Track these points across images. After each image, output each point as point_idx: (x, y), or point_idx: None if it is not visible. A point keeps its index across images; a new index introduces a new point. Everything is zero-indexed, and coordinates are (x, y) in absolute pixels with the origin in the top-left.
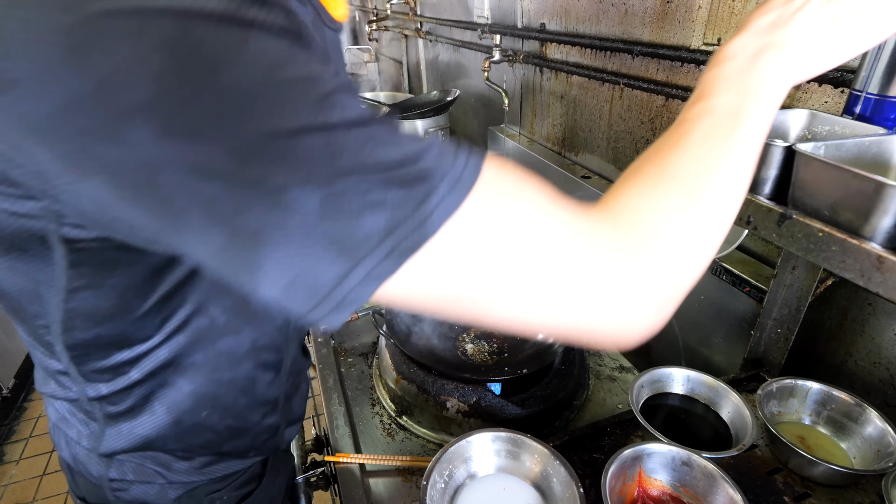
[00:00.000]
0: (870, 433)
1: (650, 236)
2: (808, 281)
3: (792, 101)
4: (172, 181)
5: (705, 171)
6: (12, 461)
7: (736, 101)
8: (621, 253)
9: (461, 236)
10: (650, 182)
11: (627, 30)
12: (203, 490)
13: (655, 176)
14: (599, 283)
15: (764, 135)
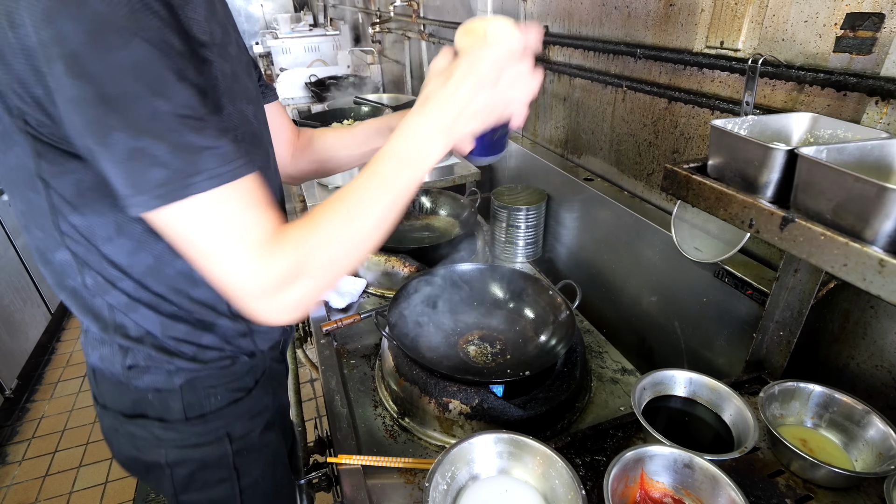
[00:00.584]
0: (872, 436)
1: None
2: (810, 284)
3: (794, 105)
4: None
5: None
6: (15, 462)
7: (394, 171)
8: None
9: (188, 213)
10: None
11: (630, 32)
12: (201, 384)
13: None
14: (245, 295)
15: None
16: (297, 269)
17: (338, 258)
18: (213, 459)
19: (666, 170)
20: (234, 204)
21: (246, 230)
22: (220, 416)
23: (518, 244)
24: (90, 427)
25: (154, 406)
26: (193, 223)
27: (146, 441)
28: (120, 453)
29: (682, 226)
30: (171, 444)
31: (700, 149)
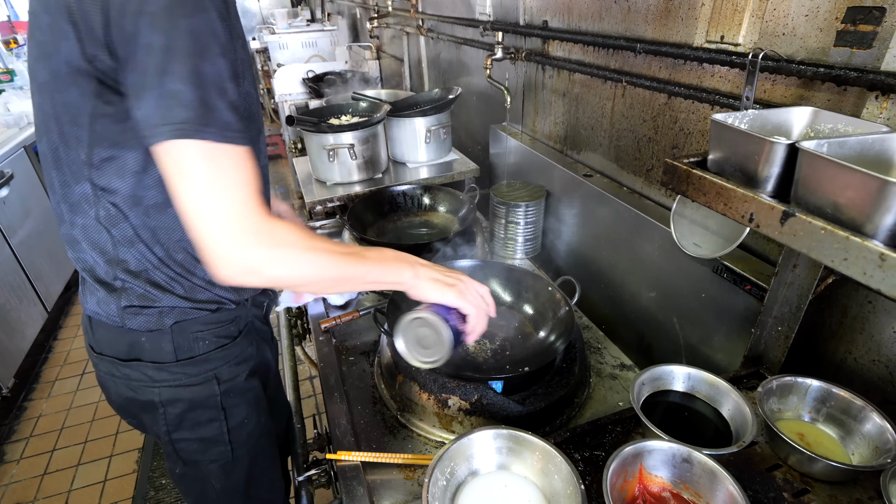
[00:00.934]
0: (868, 430)
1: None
2: (808, 279)
3: (794, 100)
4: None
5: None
6: (13, 461)
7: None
8: (238, 241)
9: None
10: (310, 247)
11: (630, 27)
12: (190, 327)
13: (317, 248)
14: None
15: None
16: (266, 240)
17: (298, 260)
18: (202, 399)
19: (666, 164)
20: (228, 162)
21: (233, 187)
22: (207, 359)
23: (517, 240)
24: (88, 425)
25: (147, 349)
26: (194, 163)
27: (141, 382)
28: (117, 396)
29: (681, 221)
30: (163, 383)
31: (700, 144)
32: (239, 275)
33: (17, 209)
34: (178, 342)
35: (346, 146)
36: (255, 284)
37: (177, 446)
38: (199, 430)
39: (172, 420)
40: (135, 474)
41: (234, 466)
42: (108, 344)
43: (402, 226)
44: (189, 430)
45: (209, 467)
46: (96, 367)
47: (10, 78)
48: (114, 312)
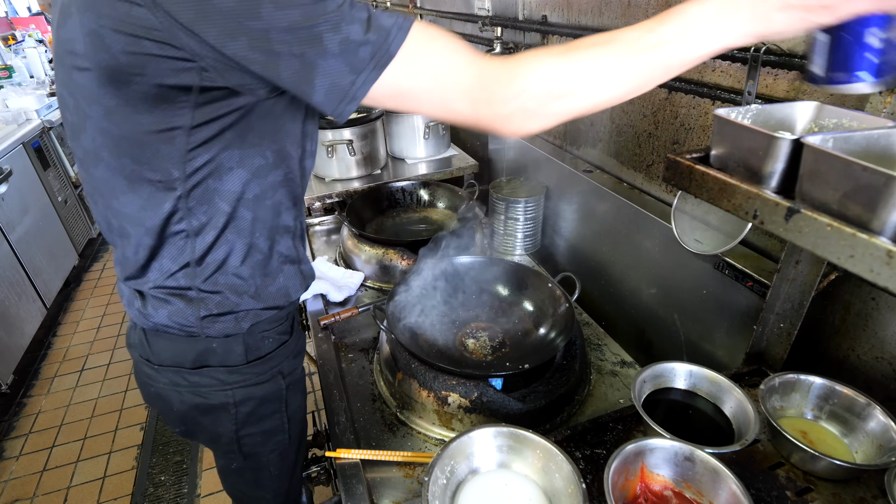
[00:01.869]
0: (872, 428)
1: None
2: (811, 276)
3: (797, 94)
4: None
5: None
6: (12, 457)
7: (672, 35)
8: (489, 89)
9: (408, 56)
10: (554, 52)
11: (630, 21)
12: (258, 328)
13: (561, 49)
14: (476, 98)
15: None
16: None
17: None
18: (270, 394)
19: (668, 160)
20: (428, 37)
21: (457, 49)
22: (273, 357)
23: (517, 237)
24: (88, 422)
25: (218, 354)
26: (416, 68)
27: (211, 387)
28: (181, 405)
29: (682, 217)
30: (236, 385)
31: (700, 139)
32: (527, 117)
33: (15, 206)
34: (248, 344)
35: (345, 142)
36: (546, 120)
37: (241, 442)
38: (263, 424)
39: (242, 418)
40: (134, 471)
41: (289, 451)
42: (174, 354)
43: (400, 222)
44: (255, 425)
45: (269, 457)
46: (152, 380)
47: (9, 74)
48: (191, 323)
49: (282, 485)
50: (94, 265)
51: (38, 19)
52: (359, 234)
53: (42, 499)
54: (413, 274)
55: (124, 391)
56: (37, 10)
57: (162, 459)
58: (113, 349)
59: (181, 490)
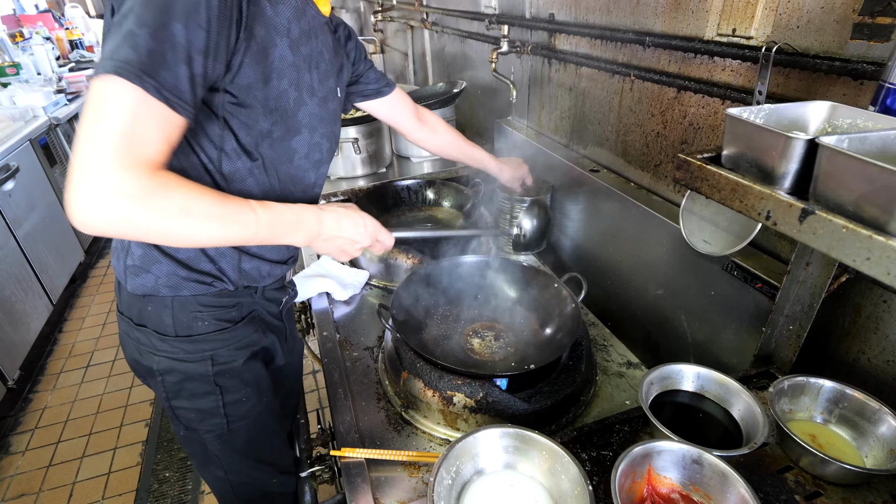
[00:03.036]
0: (883, 432)
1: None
2: (822, 277)
3: (808, 95)
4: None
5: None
6: (18, 452)
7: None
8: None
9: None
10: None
11: (639, 20)
12: (189, 304)
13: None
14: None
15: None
16: (135, 200)
17: (165, 226)
18: (197, 374)
19: (679, 160)
20: (152, 118)
21: (145, 139)
22: (206, 339)
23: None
24: (93, 418)
25: (152, 319)
26: (117, 102)
27: (146, 347)
28: (128, 356)
29: (690, 218)
30: (162, 353)
31: (710, 139)
32: (99, 222)
33: (22, 202)
34: (177, 318)
35: (351, 140)
36: (110, 233)
37: (176, 412)
38: (196, 402)
39: (170, 388)
40: (139, 467)
41: (230, 437)
42: (127, 306)
43: (406, 220)
44: (186, 399)
45: (206, 436)
46: (118, 324)
47: (17, 71)
48: (121, 270)
49: (237, 469)
50: (100, 262)
51: (46, 16)
52: None
53: (48, 494)
54: (418, 273)
55: (129, 387)
56: (44, 8)
57: (167, 456)
58: (118, 345)
59: (185, 486)
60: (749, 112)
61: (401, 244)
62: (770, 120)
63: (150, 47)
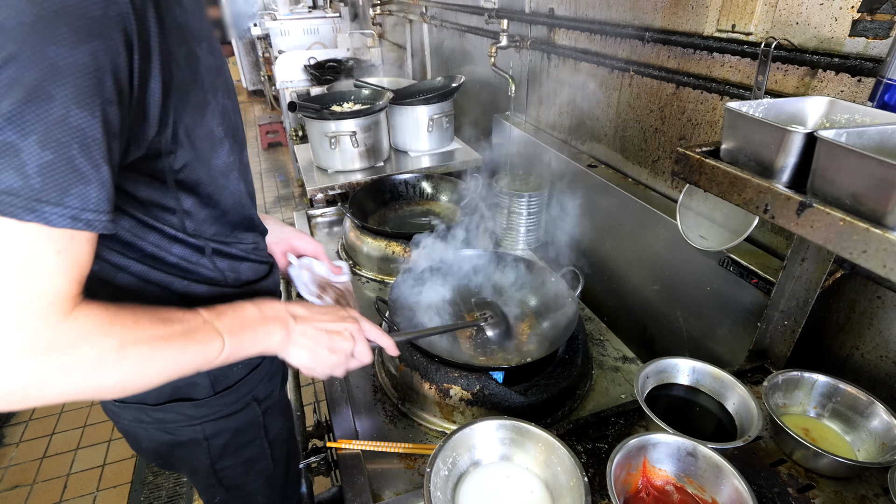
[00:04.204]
0: (875, 426)
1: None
2: (817, 273)
3: (806, 91)
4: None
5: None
6: (12, 444)
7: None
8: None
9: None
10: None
11: (639, 15)
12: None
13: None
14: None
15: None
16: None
17: (97, 382)
18: (246, 423)
19: (678, 153)
20: (54, 249)
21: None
22: (245, 383)
23: (520, 231)
24: (88, 410)
25: (181, 388)
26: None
27: (178, 423)
28: (150, 442)
29: (687, 213)
30: (205, 419)
31: (707, 135)
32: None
33: None
34: (213, 375)
35: (348, 133)
36: (18, 408)
37: (220, 475)
38: (243, 454)
39: (216, 452)
40: (133, 459)
41: (275, 476)
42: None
43: (403, 214)
44: (232, 455)
45: (254, 485)
46: (117, 417)
47: None
48: None
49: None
50: None
51: None
52: (361, 226)
53: (42, 485)
54: (415, 265)
55: None
56: None
57: None
58: None
59: (180, 479)
60: (748, 106)
61: (397, 238)
62: (769, 114)
63: (44, 161)
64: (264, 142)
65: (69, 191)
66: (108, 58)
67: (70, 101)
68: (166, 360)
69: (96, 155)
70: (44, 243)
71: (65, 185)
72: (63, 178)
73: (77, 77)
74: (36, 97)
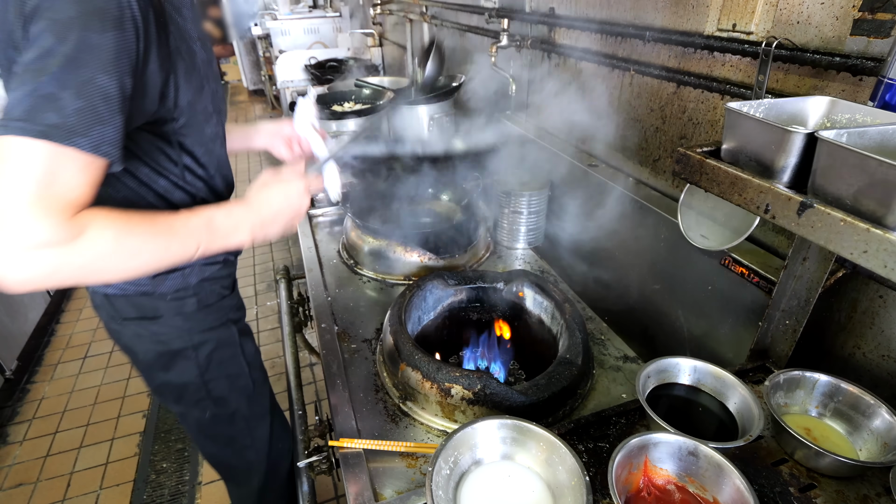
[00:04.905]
0: (877, 426)
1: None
2: (818, 272)
3: (808, 90)
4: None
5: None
6: (16, 442)
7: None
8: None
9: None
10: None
11: (639, 15)
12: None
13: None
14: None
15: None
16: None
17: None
18: (226, 339)
19: (678, 154)
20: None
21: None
22: (220, 307)
23: (520, 230)
24: (90, 408)
25: (173, 306)
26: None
27: (170, 334)
28: (146, 353)
29: (688, 213)
30: (193, 330)
31: (708, 135)
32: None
33: None
34: (199, 296)
35: (349, 133)
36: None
37: (208, 386)
38: (227, 368)
39: (203, 361)
40: (136, 457)
41: (256, 398)
42: (135, 310)
43: (404, 214)
44: (217, 368)
45: (238, 402)
46: (119, 335)
47: None
48: (144, 283)
49: (259, 432)
50: None
51: None
52: (363, 226)
53: (45, 483)
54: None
55: (127, 378)
56: None
57: (164, 447)
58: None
59: (183, 477)
60: (749, 106)
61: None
62: (770, 114)
63: (77, 107)
64: None
65: (93, 128)
66: (124, 44)
67: (97, 69)
68: (154, 251)
69: (114, 107)
70: (72, 162)
71: (90, 124)
72: (89, 119)
73: (103, 53)
74: (74, 64)
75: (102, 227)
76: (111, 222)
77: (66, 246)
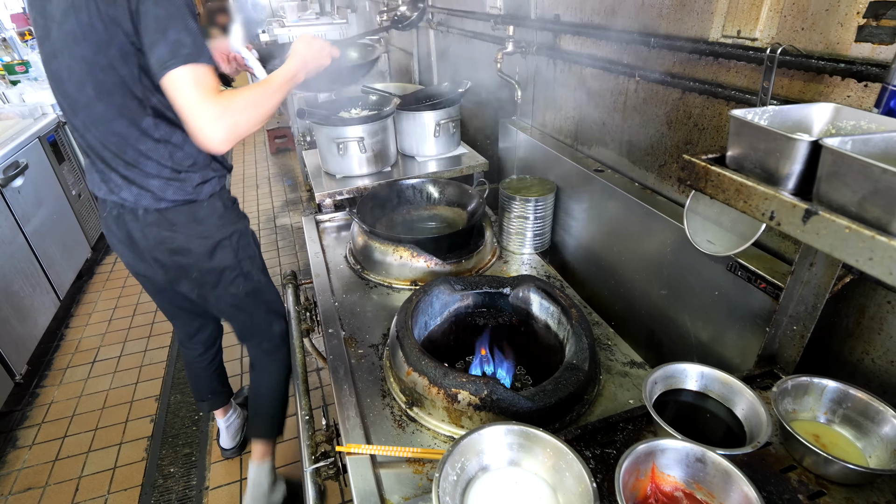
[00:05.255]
0: (886, 433)
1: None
2: (826, 278)
3: (812, 96)
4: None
5: (264, 105)
6: (25, 446)
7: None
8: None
9: (195, 70)
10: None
11: (644, 21)
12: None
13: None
14: (198, 124)
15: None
16: (229, 113)
17: (250, 116)
18: (244, 229)
19: (683, 160)
20: (211, 72)
21: (213, 85)
22: (234, 208)
23: (526, 235)
24: (99, 413)
25: (209, 209)
26: (194, 76)
27: (214, 229)
28: (199, 247)
29: (694, 218)
30: (226, 225)
31: (714, 140)
32: (225, 136)
33: (31, 199)
34: (223, 198)
35: (356, 139)
36: (239, 139)
37: (241, 265)
38: (247, 251)
39: (235, 245)
40: (144, 462)
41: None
42: (185, 215)
43: (410, 219)
44: (244, 250)
45: (257, 277)
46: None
47: (26, 69)
48: (189, 190)
49: (274, 298)
50: (107, 258)
51: None
52: (369, 231)
53: (54, 487)
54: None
55: (135, 383)
56: None
57: (171, 451)
58: (124, 341)
59: (190, 482)
60: (753, 113)
61: (405, 242)
62: (774, 121)
63: (195, 41)
64: (272, 147)
65: (203, 48)
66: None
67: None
68: (271, 97)
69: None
70: (206, 70)
71: (202, 46)
72: (201, 43)
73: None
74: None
75: (238, 92)
76: (239, 91)
77: (228, 108)
